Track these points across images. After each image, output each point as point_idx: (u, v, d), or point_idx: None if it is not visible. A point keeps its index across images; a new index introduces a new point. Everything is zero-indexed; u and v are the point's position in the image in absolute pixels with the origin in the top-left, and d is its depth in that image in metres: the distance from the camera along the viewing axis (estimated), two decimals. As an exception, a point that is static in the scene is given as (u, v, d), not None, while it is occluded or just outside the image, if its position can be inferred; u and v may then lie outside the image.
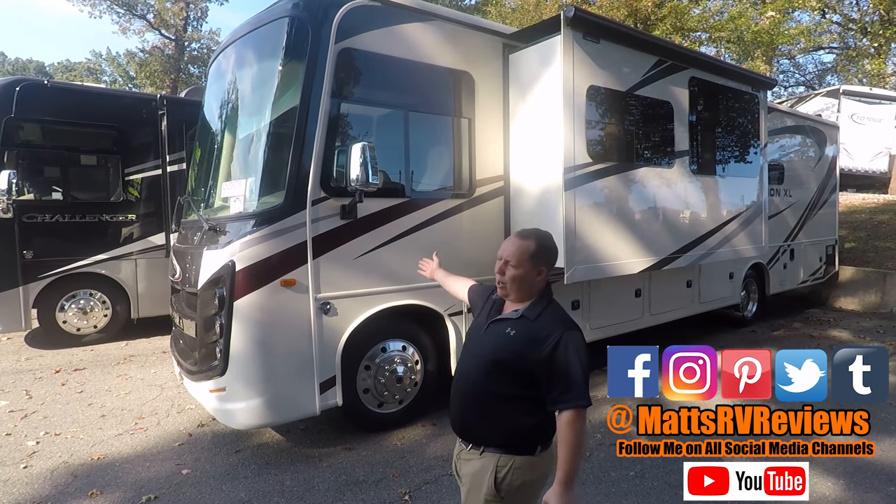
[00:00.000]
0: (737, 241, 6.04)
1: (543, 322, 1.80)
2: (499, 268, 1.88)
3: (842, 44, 23.57)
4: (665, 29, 15.37)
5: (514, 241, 1.89)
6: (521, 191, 4.50)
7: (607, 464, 3.65)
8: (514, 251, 1.86)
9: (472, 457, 1.85)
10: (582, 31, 4.24)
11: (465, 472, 1.87)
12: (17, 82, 6.40)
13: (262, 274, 3.44)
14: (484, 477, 1.79)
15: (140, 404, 4.76)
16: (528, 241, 1.88)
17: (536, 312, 1.83)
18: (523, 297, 1.88)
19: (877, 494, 3.30)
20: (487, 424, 1.83)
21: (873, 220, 12.20)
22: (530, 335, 1.77)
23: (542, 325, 1.78)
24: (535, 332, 1.77)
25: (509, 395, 1.78)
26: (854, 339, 7.19)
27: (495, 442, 1.81)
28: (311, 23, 3.65)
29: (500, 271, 1.87)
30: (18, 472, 3.57)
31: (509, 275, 1.85)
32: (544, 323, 1.79)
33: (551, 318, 1.81)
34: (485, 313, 2.01)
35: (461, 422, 1.91)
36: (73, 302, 6.65)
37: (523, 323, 1.81)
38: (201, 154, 4.74)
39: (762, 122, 6.47)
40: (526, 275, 1.85)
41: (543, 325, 1.78)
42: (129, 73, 33.26)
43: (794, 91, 27.29)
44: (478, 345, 1.91)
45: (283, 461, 3.72)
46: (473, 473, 1.83)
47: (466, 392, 1.88)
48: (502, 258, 1.88)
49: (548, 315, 1.82)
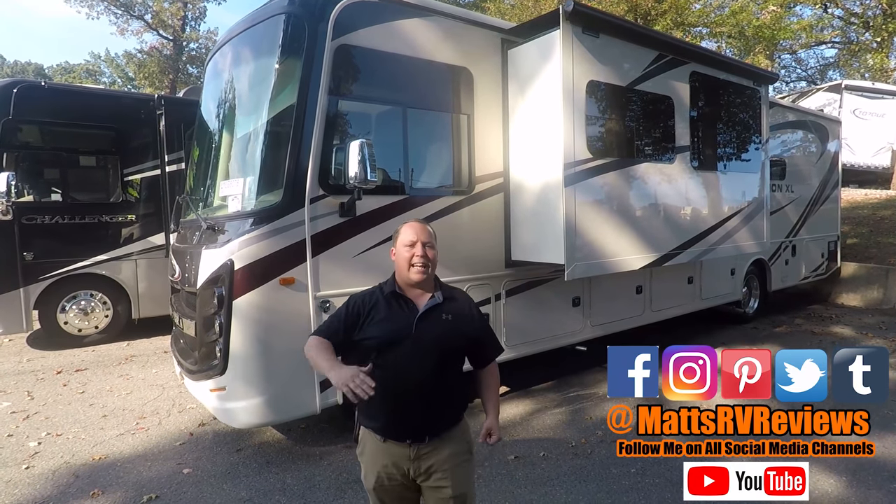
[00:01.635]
0: (738, 237, 6.01)
1: (458, 297, 2.00)
2: (421, 251, 1.91)
3: (844, 38, 23.47)
4: (665, 24, 15.31)
5: (423, 226, 1.98)
6: (521, 187, 4.48)
7: (608, 460, 3.64)
8: (430, 234, 1.97)
9: (437, 445, 1.90)
10: (581, 26, 4.21)
11: (437, 460, 1.89)
12: (14, 84, 6.39)
13: (260, 272, 3.43)
14: (464, 447, 1.96)
15: (141, 404, 4.76)
16: (430, 227, 2.01)
17: (447, 292, 1.98)
18: (432, 278, 1.97)
19: (879, 492, 3.28)
20: (450, 408, 1.94)
21: (876, 216, 12.16)
22: (461, 313, 1.95)
23: (460, 301, 1.99)
24: (461, 308, 1.96)
25: (457, 372, 1.95)
26: (856, 335, 7.16)
27: (458, 417, 1.97)
28: (307, 19, 3.63)
29: (424, 254, 1.91)
30: (20, 473, 3.57)
31: (431, 255, 1.93)
32: (459, 298, 2.00)
33: (456, 292, 2.02)
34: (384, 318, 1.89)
35: (421, 425, 1.88)
36: (73, 303, 6.66)
37: (449, 305, 1.94)
38: (199, 153, 4.73)
39: (764, 117, 6.43)
40: (437, 256, 1.98)
41: (461, 301, 1.99)
42: (128, 74, 33.26)
43: (796, 86, 27.24)
44: (416, 344, 1.85)
45: (284, 460, 3.71)
46: (453, 453, 1.91)
47: (419, 394, 1.85)
48: (421, 241, 1.92)
49: (452, 291, 2.01)
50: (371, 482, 1.93)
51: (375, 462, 1.91)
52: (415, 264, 1.89)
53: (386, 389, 1.78)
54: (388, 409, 1.87)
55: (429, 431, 1.89)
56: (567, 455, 3.76)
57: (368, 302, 1.94)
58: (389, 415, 1.88)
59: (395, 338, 1.86)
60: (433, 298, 1.92)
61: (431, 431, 1.89)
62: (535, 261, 4.42)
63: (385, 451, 1.90)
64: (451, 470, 1.90)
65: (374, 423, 1.92)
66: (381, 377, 1.76)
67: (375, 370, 1.76)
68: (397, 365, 1.84)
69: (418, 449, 1.88)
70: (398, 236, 1.97)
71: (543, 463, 3.64)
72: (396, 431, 1.89)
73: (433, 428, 1.90)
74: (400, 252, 1.94)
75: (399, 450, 1.88)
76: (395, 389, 1.84)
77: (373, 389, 1.64)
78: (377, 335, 1.87)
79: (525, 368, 5.13)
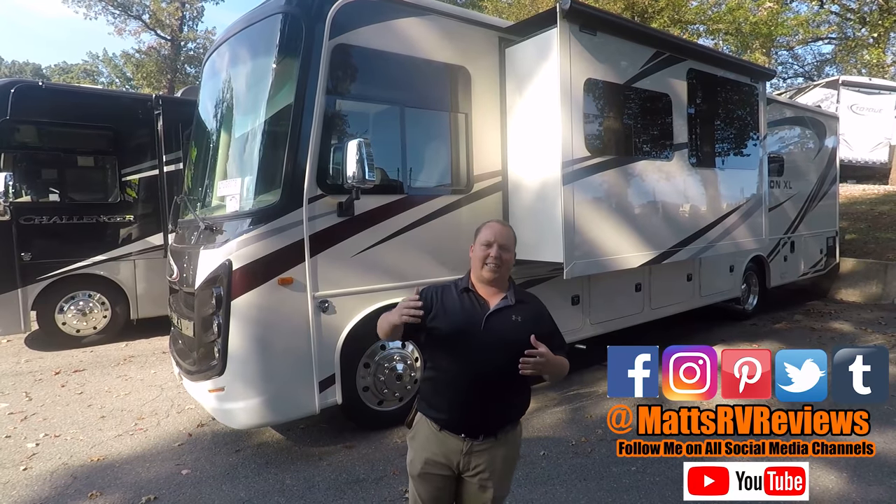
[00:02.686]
0: (737, 233, 6.02)
1: (530, 301, 2.02)
2: (496, 253, 1.92)
3: (840, 34, 23.47)
4: (662, 21, 15.28)
5: (503, 228, 2.00)
6: (520, 186, 4.47)
7: (608, 459, 3.64)
8: (509, 237, 1.98)
9: (492, 444, 1.91)
10: (578, 24, 4.20)
11: (488, 460, 1.90)
12: (11, 84, 6.37)
13: (259, 273, 3.42)
14: (515, 452, 2.01)
15: (140, 405, 4.75)
16: (511, 229, 2.03)
17: (520, 296, 2.01)
18: (505, 279, 2.00)
19: (880, 487, 3.28)
20: (509, 410, 1.96)
21: (874, 211, 12.17)
22: (531, 316, 1.96)
23: (532, 305, 2.01)
24: (531, 312, 1.98)
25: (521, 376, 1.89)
26: (855, 331, 7.17)
27: (516, 418, 1.99)
28: (304, 19, 3.62)
29: (498, 255, 1.93)
30: (18, 474, 3.56)
31: (506, 258, 1.95)
32: (531, 302, 2.02)
33: (528, 296, 2.05)
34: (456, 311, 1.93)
35: (479, 422, 1.90)
36: (72, 303, 6.64)
37: (520, 308, 1.96)
38: (197, 153, 4.71)
39: (761, 113, 6.43)
40: (513, 259, 2.01)
41: (532, 304, 2.02)
42: (126, 74, 33.13)
43: (793, 82, 27.23)
44: (484, 341, 1.88)
45: (284, 460, 3.71)
46: (505, 457, 1.94)
47: (481, 390, 1.87)
48: (498, 243, 1.94)
49: (525, 295, 2.04)
50: (417, 468, 1.95)
51: (426, 449, 1.94)
52: (488, 263, 1.93)
53: (450, 381, 1.89)
54: (450, 401, 1.91)
55: (485, 430, 1.90)
56: (567, 454, 3.76)
57: (441, 294, 1.98)
58: (450, 407, 1.91)
59: (463, 330, 1.89)
60: (505, 299, 1.95)
61: (487, 430, 1.90)
62: (534, 259, 4.41)
63: (439, 440, 1.92)
64: (499, 472, 1.93)
65: (433, 413, 1.95)
66: (446, 369, 1.91)
67: (442, 363, 1.91)
68: (463, 359, 1.88)
69: (472, 444, 1.89)
70: (478, 234, 2.01)
71: (543, 462, 3.64)
72: (454, 424, 1.91)
73: (490, 426, 1.91)
74: (476, 250, 1.98)
75: (453, 441, 1.90)
76: (458, 383, 1.88)
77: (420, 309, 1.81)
78: (447, 326, 1.90)
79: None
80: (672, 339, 2.27)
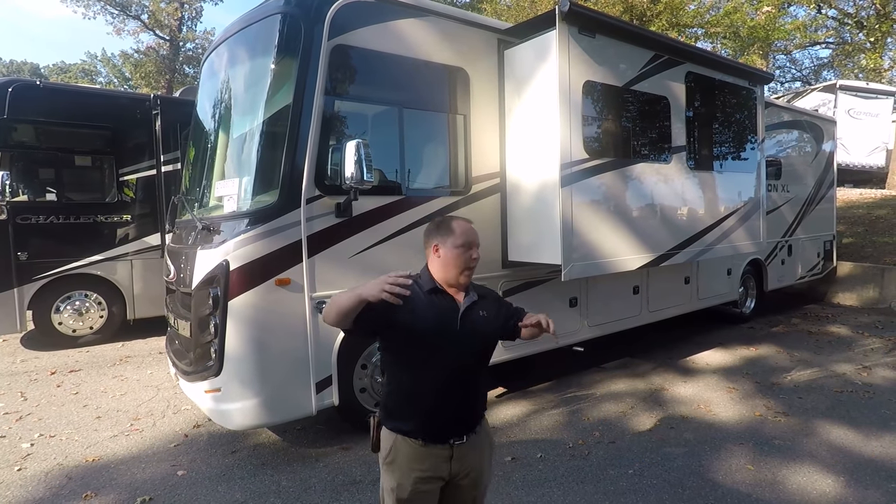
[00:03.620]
0: (735, 236, 6.02)
1: (488, 294, 2.02)
2: (475, 255, 1.89)
3: (838, 39, 23.56)
4: (661, 25, 15.32)
5: (474, 230, 1.93)
6: (518, 188, 4.47)
7: (605, 462, 3.64)
8: (477, 235, 1.93)
9: (474, 441, 1.89)
10: (577, 26, 4.21)
11: (474, 456, 1.89)
12: (9, 83, 6.35)
13: (256, 273, 3.41)
14: (491, 438, 2.03)
15: (136, 405, 4.73)
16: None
17: (480, 290, 1.99)
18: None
19: (877, 491, 3.28)
20: (482, 402, 1.98)
21: (871, 215, 12.21)
22: (494, 309, 1.98)
23: (490, 297, 2.02)
24: (492, 303, 1.99)
25: (486, 367, 1.98)
26: (852, 334, 7.18)
27: (484, 411, 2.00)
28: (303, 19, 3.62)
29: (475, 257, 1.89)
30: (12, 475, 3.54)
31: (476, 257, 1.91)
32: (488, 295, 2.02)
33: (483, 289, 2.03)
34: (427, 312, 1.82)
35: (464, 420, 1.88)
36: (68, 303, 6.62)
37: (482, 302, 1.95)
38: (195, 153, 4.70)
39: (759, 117, 6.45)
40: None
41: (490, 296, 2.02)
42: (125, 74, 33.11)
43: (791, 86, 27.32)
44: (460, 337, 1.84)
45: (280, 461, 3.69)
46: (486, 447, 1.96)
47: (461, 389, 1.84)
48: (476, 244, 1.90)
49: (480, 288, 2.01)
50: (407, 491, 1.80)
51: (412, 469, 1.80)
52: (470, 267, 1.87)
53: (426, 387, 1.80)
54: (428, 408, 1.81)
55: (468, 428, 1.88)
56: (564, 456, 3.75)
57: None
58: (430, 413, 1.81)
59: (438, 332, 1.81)
60: (469, 296, 1.91)
61: (470, 427, 1.89)
62: (532, 261, 4.41)
63: (425, 455, 1.81)
64: (487, 463, 1.96)
65: (409, 426, 1.82)
66: (420, 376, 1.81)
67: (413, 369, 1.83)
68: (441, 361, 1.80)
69: (456, 448, 1.84)
70: (449, 235, 1.86)
71: (540, 464, 3.63)
72: (439, 431, 1.82)
73: (471, 423, 1.90)
74: (451, 252, 1.85)
75: (438, 451, 1.82)
76: (437, 385, 1.80)
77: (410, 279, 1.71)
78: (420, 326, 1.78)
79: (522, 369, 5.12)
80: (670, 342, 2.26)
